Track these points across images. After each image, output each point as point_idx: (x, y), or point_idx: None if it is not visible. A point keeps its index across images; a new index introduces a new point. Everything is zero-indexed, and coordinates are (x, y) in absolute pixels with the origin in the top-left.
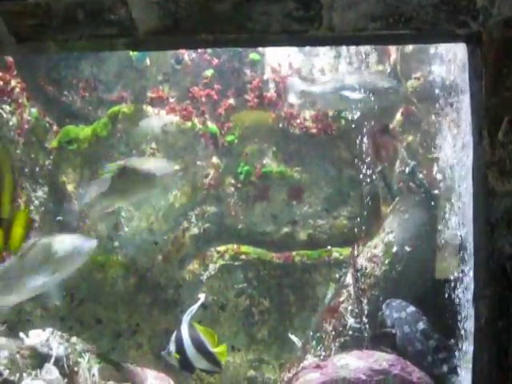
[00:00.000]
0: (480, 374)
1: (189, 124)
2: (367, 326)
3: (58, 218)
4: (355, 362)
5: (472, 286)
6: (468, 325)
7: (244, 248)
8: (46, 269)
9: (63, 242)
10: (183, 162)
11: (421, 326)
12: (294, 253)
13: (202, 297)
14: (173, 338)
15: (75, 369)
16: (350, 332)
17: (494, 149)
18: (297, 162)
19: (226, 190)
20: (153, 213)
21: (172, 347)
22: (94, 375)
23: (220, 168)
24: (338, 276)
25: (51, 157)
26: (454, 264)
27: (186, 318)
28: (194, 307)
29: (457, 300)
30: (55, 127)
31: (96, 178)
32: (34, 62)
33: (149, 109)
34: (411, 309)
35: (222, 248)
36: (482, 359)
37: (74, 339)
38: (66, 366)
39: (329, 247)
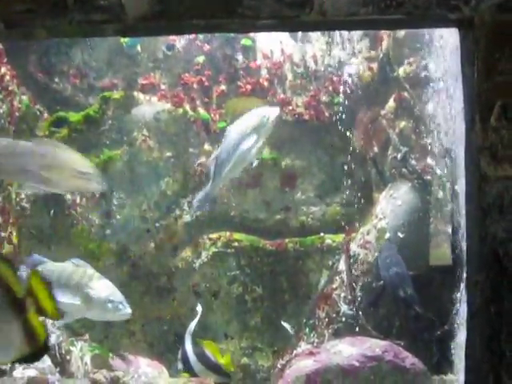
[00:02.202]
0: (472, 358)
1: (180, 111)
2: (360, 313)
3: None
4: (348, 348)
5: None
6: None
7: (236, 235)
8: None
9: None
10: (175, 149)
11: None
12: (286, 240)
13: (199, 310)
14: (179, 356)
15: (67, 357)
16: (343, 319)
17: (486, 134)
18: (289, 148)
19: None
20: (145, 200)
21: (180, 366)
22: (86, 363)
23: (211, 155)
24: (330, 263)
25: None
26: (447, 250)
27: (188, 336)
28: (194, 323)
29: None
30: (46, 115)
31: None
32: (25, 49)
33: (140, 96)
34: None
35: (214, 235)
36: (475, 344)
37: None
38: (58, 354)
39: (321, 234)
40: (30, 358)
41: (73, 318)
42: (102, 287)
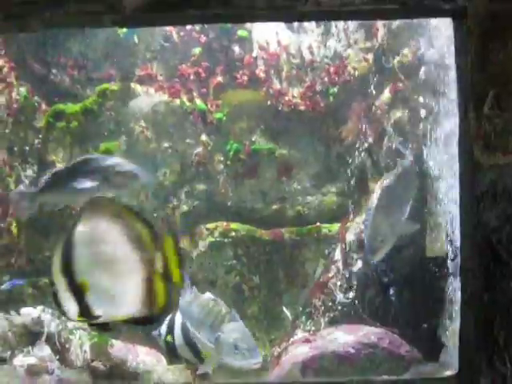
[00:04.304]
0: (467, 346)
1: (177, 102)
2: (356, 301)
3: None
4: (344, 335)
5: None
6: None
7: (233, 225)
8: None
9: None
10: (172, 139)
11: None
12: (283, 229)
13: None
14: (166, 321)
15: (67, 346)
16: (339, 307)
17: (479, 123)
18: (286, 139)
19: (215, 167)
20: (143, 190)
21: (163, 331)
22: (85, 352)
23: (209, 145)
24: (327, 252)
25: (40, 136)
26: (442, 240)
27: (181, 309)
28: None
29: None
30: (44, 106)
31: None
32: (23, 41)
33: (137, 87)
34: None
35: (211, 225)
36: (469, 331)
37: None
38: (57, 343)
39: (318, 223)
40: (144, 320)
41: (211, 365)
42: (232, 330)
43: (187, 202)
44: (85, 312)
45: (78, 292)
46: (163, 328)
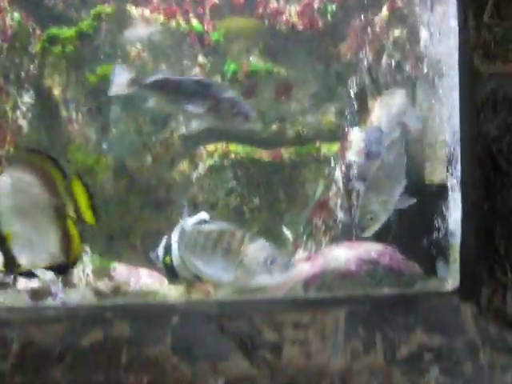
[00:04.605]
0: (468, 257)
1: (173, 23)
2: (357, 220)
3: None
4: (345, 252)
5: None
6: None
7: (233, 146)
8: None
9: None
10: (169, 61)
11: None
12: (282, 150)
13: (203, 214)
14: (162, 243)
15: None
16: (340, 226)
17: (479, 31)
18: (284, 58)
19: None
20: (140, 114)
21: (160, 252)
22: (87, 274)
23: (206, 67)
24: (327, 171)
25: (36, 61)
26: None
27: (179, 226)
28: (192, 220)
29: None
30: (38, 31)
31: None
32: None
33: (132, 9)
34: None
35: (210, 147)
36: (469, 243)
37: None
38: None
39: (317, 143)
40: (61, 267)
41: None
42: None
43: (186, 124)
44: (10, 262)
45: (3, 242)
46: (160, 249)
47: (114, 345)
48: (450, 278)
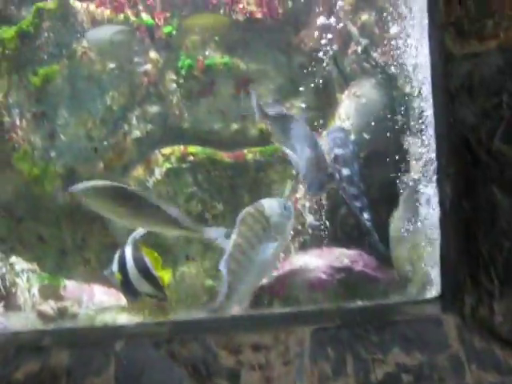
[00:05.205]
0: (448, 262)
1: (121, 17)
2: (327, 223)
3: None
4: (314, 260)
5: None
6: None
7: (191, 149)
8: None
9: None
10: (118, 59)
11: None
12: (245, 150)
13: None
14: (116, 257)
15: (13, 290)
16: (310, 230)
17: (450, 8)
18: (242, 51)
19: (167, 87)
20: (90, 117)
21: (115, 267)
22: (34, 295)
23: (159, 63)
24: (294, 172)
25: None
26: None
27: (131, 239)
28: (142, 230)
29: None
30: None
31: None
32: None
33: (76, 3)
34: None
35: (167, 150)
36: (449, 246)
37: (13, 259)
38: (1, 287)
39: None
40: None
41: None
42: None
43: (139, 126)
44: None
45: None
46: (114, 265)
47: (51, 376)
48: (431, 285)
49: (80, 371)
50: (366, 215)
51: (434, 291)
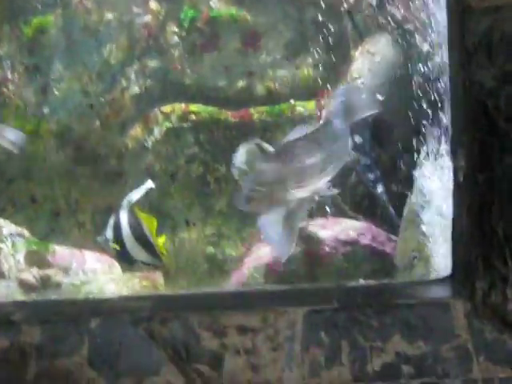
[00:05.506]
0: (460, 237)
1: None
2: (335, 190)
3: None
4: (318, 232)
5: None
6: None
7: (193, 107)
8: None
9: None
10: (116, 9)
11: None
12: (251, 110)
13: (149, 182)
14: (110, 223)
15: None
16: (316, 198)
17: None
18: (250, 2)
19: (168, 40)
20: (85, 72)
21: (109, 234)
22: (19, 261)
23: (160, 14)
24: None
25: None
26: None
27: (126, 203)
28: (137, 192)
29: None
30: None
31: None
32: None
33: None
34: None
35: (167, 108)
36: (462, 220)
37: (0, 222)
38: None
39: (291, 101)
40: None
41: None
42: None
43: (138, 82)
44: None
45: None
46: (108, 231)
47: (19, 355)
48: (442, 265)
49: (51, 350)
50: (379, 188)
51: (443, 272)
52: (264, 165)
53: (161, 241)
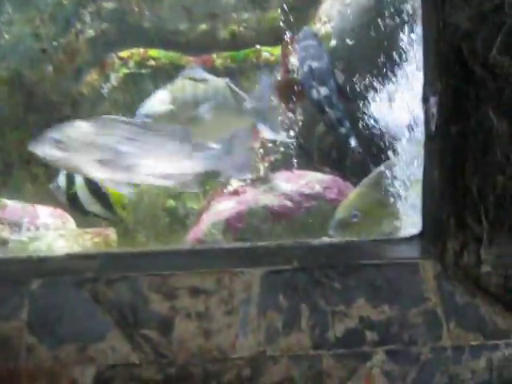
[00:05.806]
0: (431, 193)
1: None
2: (301, 141)
3: None
4: (281, 185)
5: None
6: None
7: (152, 52)
8: None
9: None
10: None
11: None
12: (214, 55)
13: None
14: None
15: None
16: (281, 148)
17: None
18: None
19: None
20: (37, 14)
21: (61, 181)
22: None
23: None
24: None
25: None
26: None
27: None
28: None
29: None
30: None
31: None
32: None
33: None
34: None
35: (125, 53)
36: (433, 177)
37: None
38: None
39: (257, 46)
40: None
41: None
42: None
43: (93, 25)
44: None
45: None
46: (61, 178)
47: None
48: (411, 222)
49: None
50: (353, 142)
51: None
52: None
53: (116, 193)
